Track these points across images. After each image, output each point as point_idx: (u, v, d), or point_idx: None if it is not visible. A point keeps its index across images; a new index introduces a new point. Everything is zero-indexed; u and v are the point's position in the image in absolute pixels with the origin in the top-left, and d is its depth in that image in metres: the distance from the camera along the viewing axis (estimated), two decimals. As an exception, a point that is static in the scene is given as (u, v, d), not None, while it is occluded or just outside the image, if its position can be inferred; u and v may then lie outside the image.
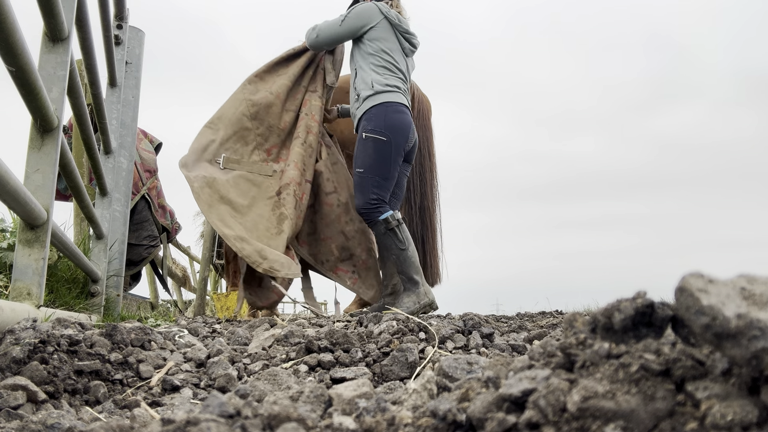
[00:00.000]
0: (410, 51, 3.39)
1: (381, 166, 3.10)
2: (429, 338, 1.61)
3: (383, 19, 3.25)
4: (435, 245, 3.84)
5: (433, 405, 0.56)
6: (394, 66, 3.25)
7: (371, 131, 3.12)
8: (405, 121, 3.16)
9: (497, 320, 3.26)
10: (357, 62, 3.31)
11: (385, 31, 3.26)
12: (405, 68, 3.33)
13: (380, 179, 3.10)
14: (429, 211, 3.84)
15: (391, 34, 3.28)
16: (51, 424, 0.86)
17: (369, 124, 3.14)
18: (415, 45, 3.38)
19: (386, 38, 3.26)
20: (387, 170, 3.11)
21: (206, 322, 2.67)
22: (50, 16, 1.57)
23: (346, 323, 2.07)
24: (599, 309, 0.58)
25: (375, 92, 3.17)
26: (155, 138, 4.97)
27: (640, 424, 0.46)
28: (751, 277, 0.50)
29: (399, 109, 3.16)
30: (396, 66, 3.26)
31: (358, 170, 3.14)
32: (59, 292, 2.26)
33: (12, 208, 1.37)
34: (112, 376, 1.23)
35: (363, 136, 3.14)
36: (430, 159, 3.89)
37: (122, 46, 3.04)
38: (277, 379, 1.19)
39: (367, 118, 3.16)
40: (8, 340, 1.14)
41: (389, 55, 3.24)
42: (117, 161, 2.99)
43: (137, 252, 4.49)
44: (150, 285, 6.56)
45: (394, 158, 3.12)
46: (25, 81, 1.35)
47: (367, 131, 3.13)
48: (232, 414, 0.57)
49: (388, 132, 3.10)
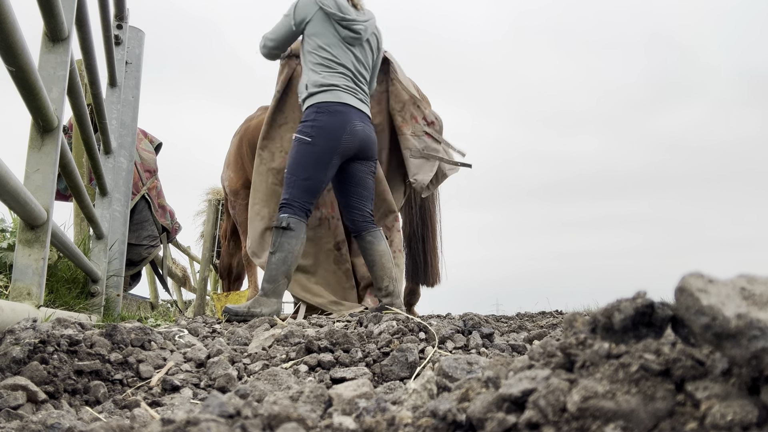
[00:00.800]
0: (353, 40, 3.06)
1: (300, 168, 2.95)
2: (429, 338, 1.61)
3: (318, 10, 3.01)
4: (435, 245, 3.84)
5: (433, 405, 0.56)
6: (333, 61, 3.02)
7: (298, 132, 3.01)
8: (333, 121, 2.95)
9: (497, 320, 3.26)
10: (302, 63, 3.16)
11: (322, 23, 3.01)
12: (350, 61, 3.07)
13: (299, 181, 2.95)
14: (429, 211, 3.84)
15: (329, 25, 3.01)
16: (51, 424, 0.86)
17: (300, 126, 3.03)
18: (357, 31, 3.05)
19: (323, 32, 3.01)
20: (307, 173, 2.95)
21: (206, 322, 2.67)
22: (50, 16, 1.57)
23: (346, 323, 2.07)
24: (599, 309, 0.58)
25: (309, 94, 3.04)
26: (155, 138, 4.97)
27: (640, 424, 0.46)
28: (751, 277, 0.50)
29: (329, 108, 2.96)
30: (335, 61, 3.02)
31: (285, 170, 3.08)
32: (59, 292, 2.26)
33: (12, 208, 1.37)
34: (112, 376, 1.23)
35: (293, 138, 3.04)
36: None
37: (122, 46, 3.04)
38: (277, 379, 1.19)
39: (301, 121, 3.06)
40: (8, 340, 1.14)
41: (326, 50, 3.01)
42: (117, 161, 3.00)
43: (137, 252, 4.49)
44: (150, 285, 6.56)
45: (318, 160, 2.95)
46: (25, 81, 1.35)
47: (296, 132, 3.03)
48: (232, 414, 0.57)
49: (313, 133, 2.95)
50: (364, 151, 3.11)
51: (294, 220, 2.89)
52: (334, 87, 3.00)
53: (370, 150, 3.13)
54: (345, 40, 3.05)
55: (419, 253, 3.78)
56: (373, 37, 3.22)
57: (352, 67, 3.08)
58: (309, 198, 2.96)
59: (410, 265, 3.83)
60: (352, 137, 3.00)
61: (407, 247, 3.85)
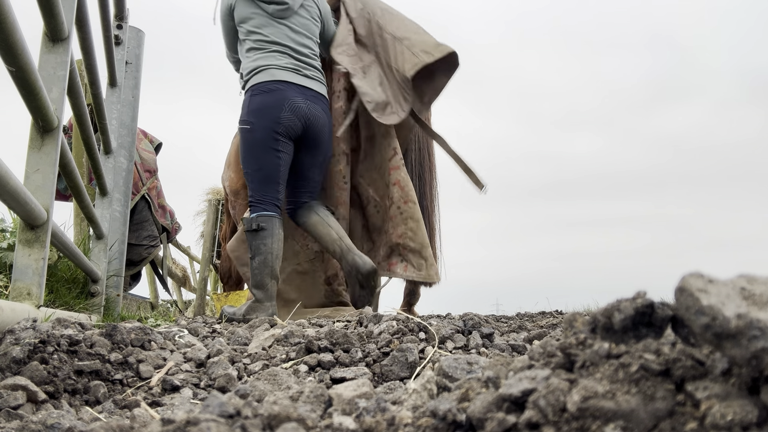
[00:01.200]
0: (281, 12, 2.84)
1: (249, 159, 2.76)
2: (429, 338, 1.61)
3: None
4: (434, 245, 3.84)
5: (433, 405, 0.56)
6: (264, 41, 2.82)
7: (239, 123, 2.83)
8: (269, 99, 2.73)
9: (497, 320, 3.26)
10: (240, 56, 2.98)
11: (246, 5, 2.83)
12: (285, 36, 2.85)
13: (253, 173, 2.77)
14: (428, 211, 3.83)
15: (253, 5, 2.82)
16: (51, 424, 0.86)
17: (240, 116, 2.84)
18: (282, 2, 2.83)
19: (249, 15, 2.83)
20: (257, 162, 2.74)
21: (206, 322, 2.67)
22: (50, 16, 1.57)
23: (346, 323, 2.07)
24: (599, 309, 0.58)
25: (244, 81, 2.87)
26: (155, 138, 4.98)
27: (639, 424, 0.46)
28: (751, 277, 0.50)
29: (263, 88, 2.75)
30: (266, 40, 2.82)
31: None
32: (59, 292, 2.26)
33: (12, 208, 1.37)
34: (112, 376, 1.23)
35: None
36: (429, 159, 3.89)
37: (122, 46, 3.04)
38: (277, 379, 1.19)
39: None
40: (8, 340, 1.14)
41: (256, 32, 2.83)
42: (117, 161, 3.00)
43: (137, 252, 4.49)
44: (150, 285, 6.57)
45: (263, 145, 2.73)
46: (25, 81, 1.35)
47: (238, 123, 2.85)
48: (232, 414, 0.57)
49: (250, 118, 2.75)
50: (312, 135, 2.87)
51: (263, 218, 2.72)
52: (266, 66, 2.80)
53: (319, 134, 2.88)
54: (274, 16, 2.83)
55: None
56: (310, 2, 3.00)
57: (290, 43, 2.86)
58: (271, 188, 2.77)
59: None
60: (292, 114, 2.75)
61: None
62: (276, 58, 2.82)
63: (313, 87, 2.89)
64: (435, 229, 3.89)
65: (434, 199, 3.93)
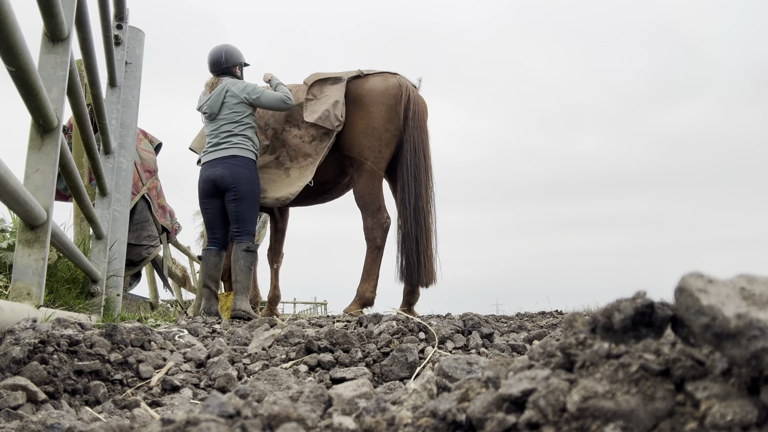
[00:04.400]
0: (207, 116, 4.14)
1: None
2: (429, 338, 1.61)
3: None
4: (429, 245, 3.84)
5: (433, 405, 0.56)
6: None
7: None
8: (200, 178, 4.08)
9: (497, 320, 3.27)
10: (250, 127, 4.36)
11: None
12: (211, 130, 4.08)
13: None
14: (423, 212, 3.84)
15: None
16: (51, 424, 0.86)
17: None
18: (203, 112, 4.14)
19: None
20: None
21: (206, 322, 2.67)
22: (50, 16, 1.57)
23: (346, 323, 2.07)
24: (599, 309, 0.58)
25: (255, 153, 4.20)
26: (155, 138, 4.97)
27: (639, 424, 0.46)
28: (751, 277, 0.50)
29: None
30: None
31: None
32: (59, 292, 2.26)
33: (12, 208, 1.37)
34: (112, 376, 1.23)
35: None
36: (425, 160, 3.90)
37: (122, 46, 3.04)
38: (277, 379, 1.19)
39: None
40: (8, 340, 1.14)
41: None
42: (117, 161, 3.00)
43: (137, 252, 4.49)
44: (150, 285, 6.56)
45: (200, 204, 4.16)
46: (25, 81, 1.35)
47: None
48: (232, 414, 0.57)
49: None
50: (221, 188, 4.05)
51: (211, 250, 4.07)
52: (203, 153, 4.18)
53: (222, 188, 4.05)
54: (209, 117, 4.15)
55: (413, 254, 3.78)
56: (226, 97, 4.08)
57: (211, 134, 4.10)
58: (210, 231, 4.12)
59: (404, 265, 3.83)
60: (206, 185, 4.01)
61: (401, 248, 3.85)
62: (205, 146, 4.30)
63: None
64: (431, 229, 3.90)
65: (430, 200, 3.93)
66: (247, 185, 3.93)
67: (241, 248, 3.87)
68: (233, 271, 3.92)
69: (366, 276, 3.94)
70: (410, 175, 3.83)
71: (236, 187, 3.90)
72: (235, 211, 3.92)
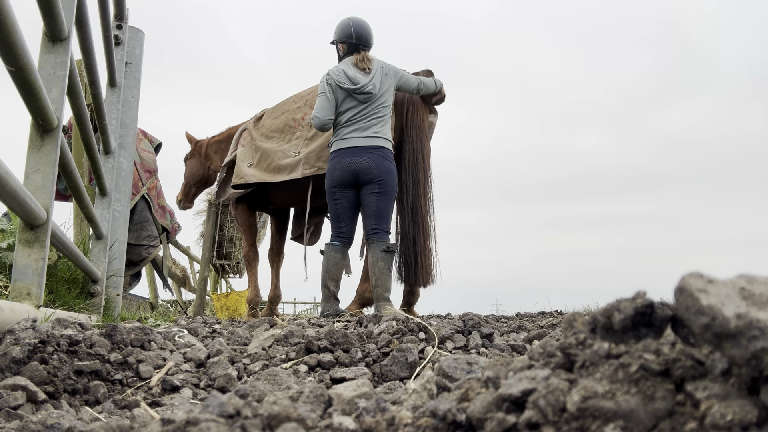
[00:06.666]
0: (365, 96, 3.77)
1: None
2: (429, 338, 1.61)
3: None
4: (427, 246, 3.83)
5: (433, 405, 0.56)
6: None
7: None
8: (335, 164, 3.69)
9: (497, 320, 3.27)
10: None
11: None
12: (357, 111, 3.72)
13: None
14: (421, 212, 3.83)
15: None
16: (51, 424, 0.86)
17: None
18: (366, 92, 3.73)
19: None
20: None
21: (206, 322, 2.67)
22: (50, 16, 1.56)
23: (346, 323, 2.07)
24: (599, 309, 0.58)
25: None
26: (155, 138, 4.98)
27: (639, 424, 0.46)
28: (751, 277, 0.50)
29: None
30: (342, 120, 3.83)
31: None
32: (59, 292, 2.26)
33: (12, 208, 1.37)
34: (112, 376, 1.23)
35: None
36: (423, 160, 3.89)
37: (122, 46, 3.04)
38: (277, 379, 1.19)
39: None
40: (8, 340, 1.14)
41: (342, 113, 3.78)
42: (117, 161, 2.99)
43: (137, 252, 4.49)
44: (150, 285, 6.56)
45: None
46: (25, 81, 1.35)
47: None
48: (232, 414, 0.57)
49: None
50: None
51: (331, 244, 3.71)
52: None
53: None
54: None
55: (411, 254, 3.78)
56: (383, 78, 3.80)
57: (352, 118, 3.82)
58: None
59: (403, 266, 3.83)
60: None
61: (399, 248, 3.85)
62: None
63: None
64: (429, 229, 3.89)
65: (428, 200, 3.93)
66: (393, 180, 3.63)
67: (380, 248, 3.52)
68: (371, 275, 3.54)
69: (366, 276, 3.94)
70: (408, 175, 3.83)
71: (383, 180, 3.58)
72: (377, 205, 3.58)
